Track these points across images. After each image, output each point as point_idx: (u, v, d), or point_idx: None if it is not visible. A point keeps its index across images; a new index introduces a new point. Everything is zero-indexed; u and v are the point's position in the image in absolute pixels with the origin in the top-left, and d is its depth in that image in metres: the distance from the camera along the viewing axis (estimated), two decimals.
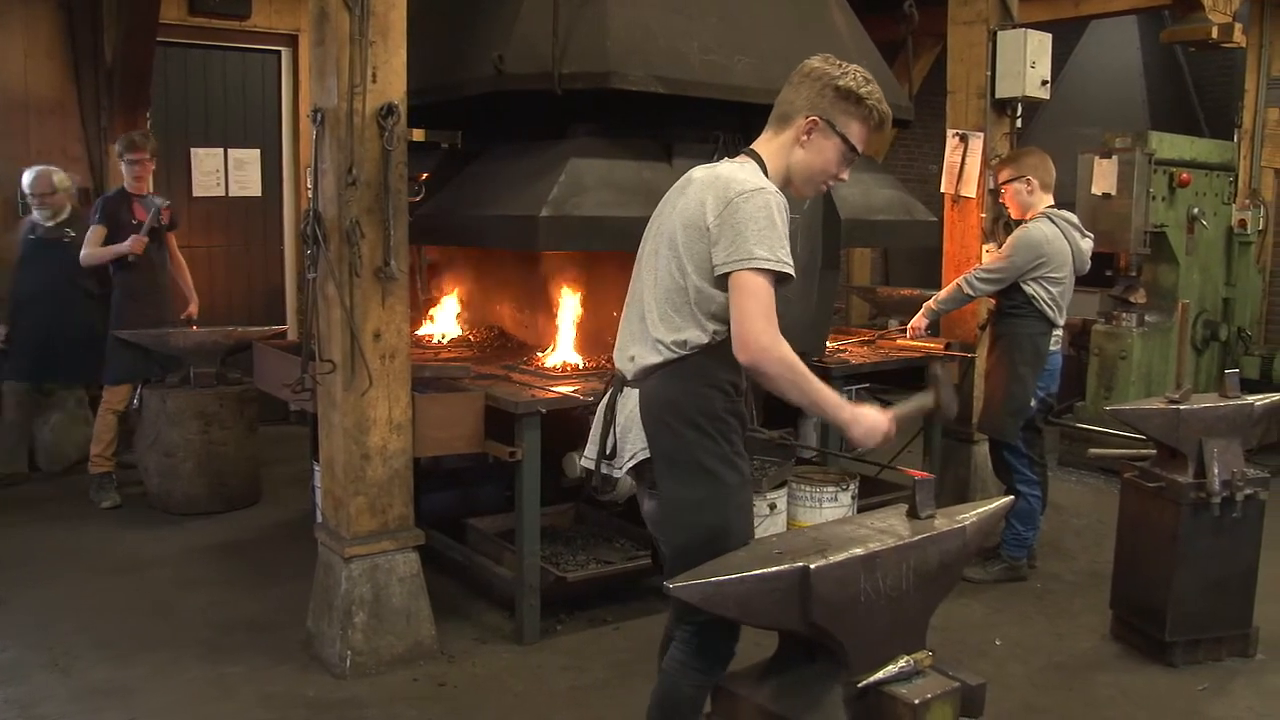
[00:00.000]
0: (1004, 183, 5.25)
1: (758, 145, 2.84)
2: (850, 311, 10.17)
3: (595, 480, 2.91)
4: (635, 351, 2.80)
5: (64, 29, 7.07)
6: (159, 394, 6.03)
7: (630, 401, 2.79)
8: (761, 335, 2.56)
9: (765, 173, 2.76)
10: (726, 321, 2.66)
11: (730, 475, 2.73)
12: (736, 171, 2.72)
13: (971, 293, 5.16)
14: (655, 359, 2.74)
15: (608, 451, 2.86)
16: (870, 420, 2.72)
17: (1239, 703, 4.04)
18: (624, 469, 2.82)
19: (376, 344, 4.03)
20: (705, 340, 2.69)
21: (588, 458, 2.93)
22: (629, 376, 2.81)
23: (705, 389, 2.72)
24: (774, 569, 2.35)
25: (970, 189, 6.17)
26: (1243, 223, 7.88)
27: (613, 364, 2.93)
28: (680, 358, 2.71)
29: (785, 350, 2.59)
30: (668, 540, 2.81)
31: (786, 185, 2.81)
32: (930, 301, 5.39)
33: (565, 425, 4.14)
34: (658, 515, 2.84)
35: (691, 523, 2.72)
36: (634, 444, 2.78)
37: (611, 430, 2.85)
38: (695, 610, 2.64)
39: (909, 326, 5.52)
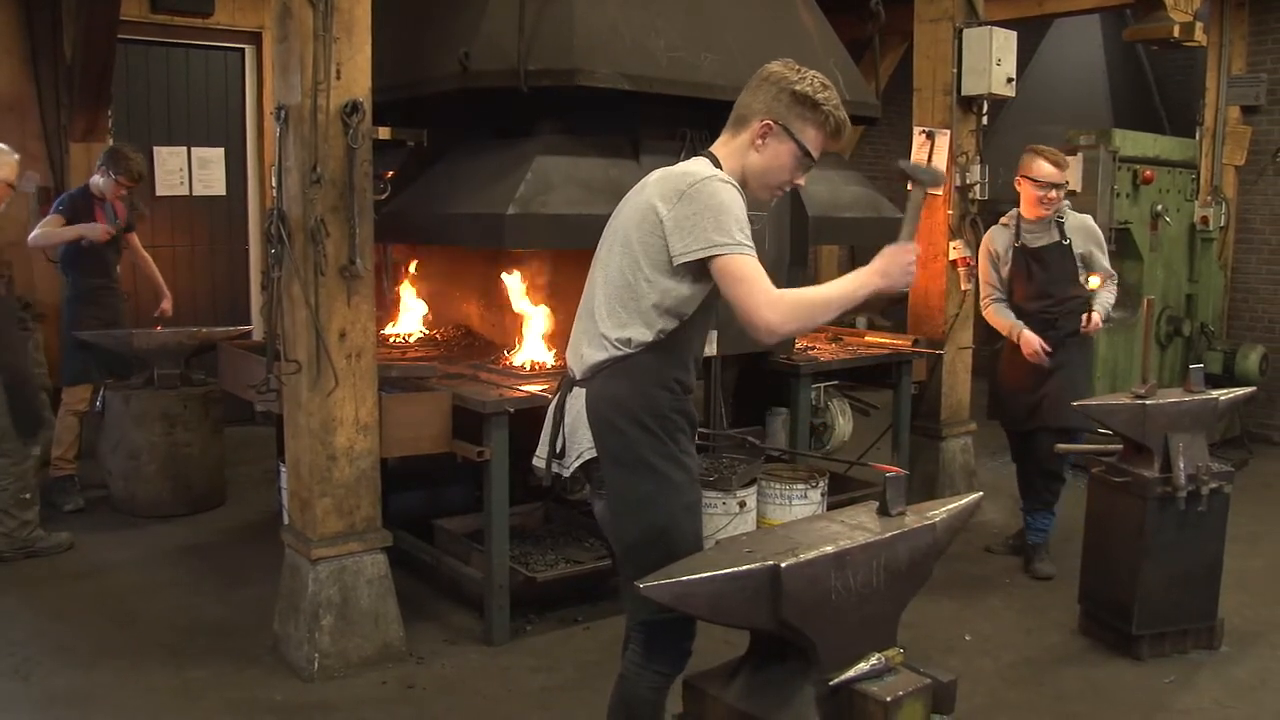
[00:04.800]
0: (1059, 185, 5.11)
1: (715, 148, 2.85)
2: None
3: (546, 479, 2.91)
4: (585, 349, 2.80)
5: (22, 25, 6.97)
6: (122, 395, 5.96)
7: (579, 401, 2.79)
8: (766, 313, 2.55)
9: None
10: (678, 316, 2.68)
11: (677, 473, 2.73)
12: (689, 166, 2.74)
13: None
14: (602, 356, 2.73)
15: (557, 451, 2.86)
16: (894, 263, 2.72)
17: (1205, 695, 4.07)
18: (571, 468, 2.82)
19: (342, 343, 4.00)
20: (650, 338, 2.69)
21: (539, 457, 2.93)
22: (578, 374, 2.81)
23: (651, 387, 2.71)
24: (744, 567, 2.34)
25: (937, 186, 6.20)
26: (1205, 219, 7.96)
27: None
28: (626, 355, 2.71)
29: (788, 304, 2.58)
30: (617, 540, 2.82)
31: (742, 188, 2.82)
32: (1099, 311, 5.20)
33: (533, 424, 4.11)
34: (606, 515, 2.84)
35: (639, 521, 2.71)
36: (581, 443, 2.77)
37: (560, 429, 2.85)
38: (649, 611, 2.63)
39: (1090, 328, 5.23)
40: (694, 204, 2.60)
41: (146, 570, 5.19)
